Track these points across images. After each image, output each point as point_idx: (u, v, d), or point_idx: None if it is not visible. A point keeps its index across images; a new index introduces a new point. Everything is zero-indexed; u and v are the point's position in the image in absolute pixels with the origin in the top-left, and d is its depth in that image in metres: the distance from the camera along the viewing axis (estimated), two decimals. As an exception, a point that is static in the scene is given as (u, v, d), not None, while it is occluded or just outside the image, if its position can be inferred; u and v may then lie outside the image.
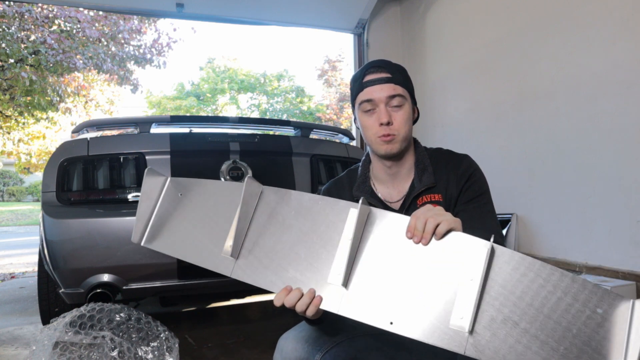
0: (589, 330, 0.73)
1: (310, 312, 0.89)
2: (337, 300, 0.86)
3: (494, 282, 0.79)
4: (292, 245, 0.94)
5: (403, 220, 0.89)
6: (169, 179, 1.16)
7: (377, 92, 1.13)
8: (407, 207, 1.17)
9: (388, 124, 1.12)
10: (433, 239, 0.86)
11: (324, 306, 0.87)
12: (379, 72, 1.14)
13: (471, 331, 0.76)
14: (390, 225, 0.89)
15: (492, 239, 0.80)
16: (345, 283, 0.86)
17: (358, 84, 1.17)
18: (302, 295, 0.89)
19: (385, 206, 1.20)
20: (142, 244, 1.12)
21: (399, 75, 1.15)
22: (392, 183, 1.21)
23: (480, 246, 0.80)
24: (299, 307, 0.89)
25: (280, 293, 0.91)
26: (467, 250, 0.82)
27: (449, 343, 0.76)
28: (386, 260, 0.87)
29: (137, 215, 1.14)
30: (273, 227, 0.98)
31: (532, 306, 0.76)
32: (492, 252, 0.80)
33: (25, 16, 7.85)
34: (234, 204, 1.02)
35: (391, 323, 0.81)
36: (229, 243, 0.98)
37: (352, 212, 0.90)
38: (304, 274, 0.91)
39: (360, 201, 0.89)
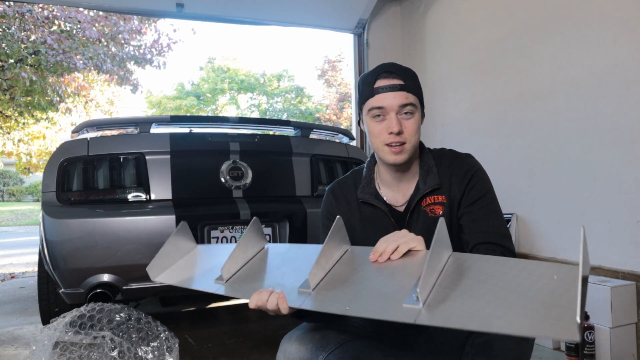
0: (546, 292, 0.75)
1: (282, 309, 0.94)
2: (301, 299, 0.93)
3: (450, 273, 0.84)
4: (273, 276, 1.06)
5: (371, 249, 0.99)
6: (197, 247, 1.29)
7: (389, 99, 1.10)
8: (412, 209, 1.17)
9: (399, 133, 1.10)
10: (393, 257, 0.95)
11: (290, 303, 0.94)
12: (392, 78, 1.12)
13: (424, 305, 0.79)
14: (365, 255, 1.00)
15: (433, 239, 0.84)
16: (313, 288, 0.94)
17: (369, 89, 1.13)
18: (270, 295, 0.95)
19: (390, 209, 1.20)
20: (156, 279, 1.20)
21: (411, 83, 1.12)
22: (397, 186, 1.21)
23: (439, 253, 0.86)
24: (270, 305, 0.94)
25: (252, 296, 0.97)
26: (423, 260, 0.90)
27: (401, 317, 0.78)
28: (352, 271, 0.96)
29: (160, 254, 1.21)
30: (261, 266, 1.11)
31: (487, 283, 0.80)
32: (451, 256, 0.88)
33: (26, 16, 7.85)
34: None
35: (347, 308, 0.86)
36: (223, 272, 1.08)
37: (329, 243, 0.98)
38: (275, 289, 1.00)
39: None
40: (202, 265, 1.20)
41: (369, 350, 1.12)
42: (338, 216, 1.01)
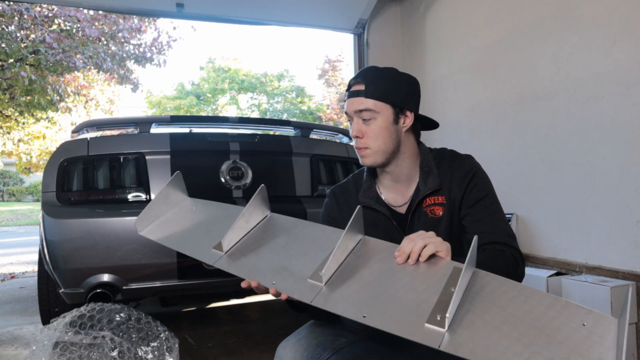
0: (575, 340, 0.71)
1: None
2: (312, 293, 0.89)
3: (475, 295, 0.80)
4: (279, 256, 1.00)
5: (393, 248, 0.94)
6: (189, 200, 1.27)
7: (349, 105, 1.16)
8: (413, 210, 1.17)
9: (356, 137, 1.15)
10: (419, 259, 0.90)
11: (296, 296, 0.90)
12: (356, 84, 1.15)
13: (448, 329, 0.75)
14: (380, 251, 0.95)
15: (466, 259, 0.81)
16: (325, 282, 0.90)
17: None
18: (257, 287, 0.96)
19: (391, 211, 1.20)
20: (141, 233, 1.20)
21: (372, 88, 1.12)
22: (395, 188, 1.22)
23: (462, 269, 0.82)
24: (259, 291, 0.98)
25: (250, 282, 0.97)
26: (449, 272, 0.85)
27: (424, 338, 0.75)
28: (367, 267, 0.91)
29: (149, 206, 1.20)
30: (267, 240, 1.05)
31: (514, 316, 0.76)
32: (474, 273, 0.84)
33: (25, 15, 7.84)
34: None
35: (364, 316, 0.82)
36: (224, 243, 1.04)
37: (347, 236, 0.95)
38: (280, 273, 0.96)
39: (357, 209, 0.98)
40: (195, 224, 1.15)
41: (367, 354, 1.10)
42: (359, 206, 1.01)
